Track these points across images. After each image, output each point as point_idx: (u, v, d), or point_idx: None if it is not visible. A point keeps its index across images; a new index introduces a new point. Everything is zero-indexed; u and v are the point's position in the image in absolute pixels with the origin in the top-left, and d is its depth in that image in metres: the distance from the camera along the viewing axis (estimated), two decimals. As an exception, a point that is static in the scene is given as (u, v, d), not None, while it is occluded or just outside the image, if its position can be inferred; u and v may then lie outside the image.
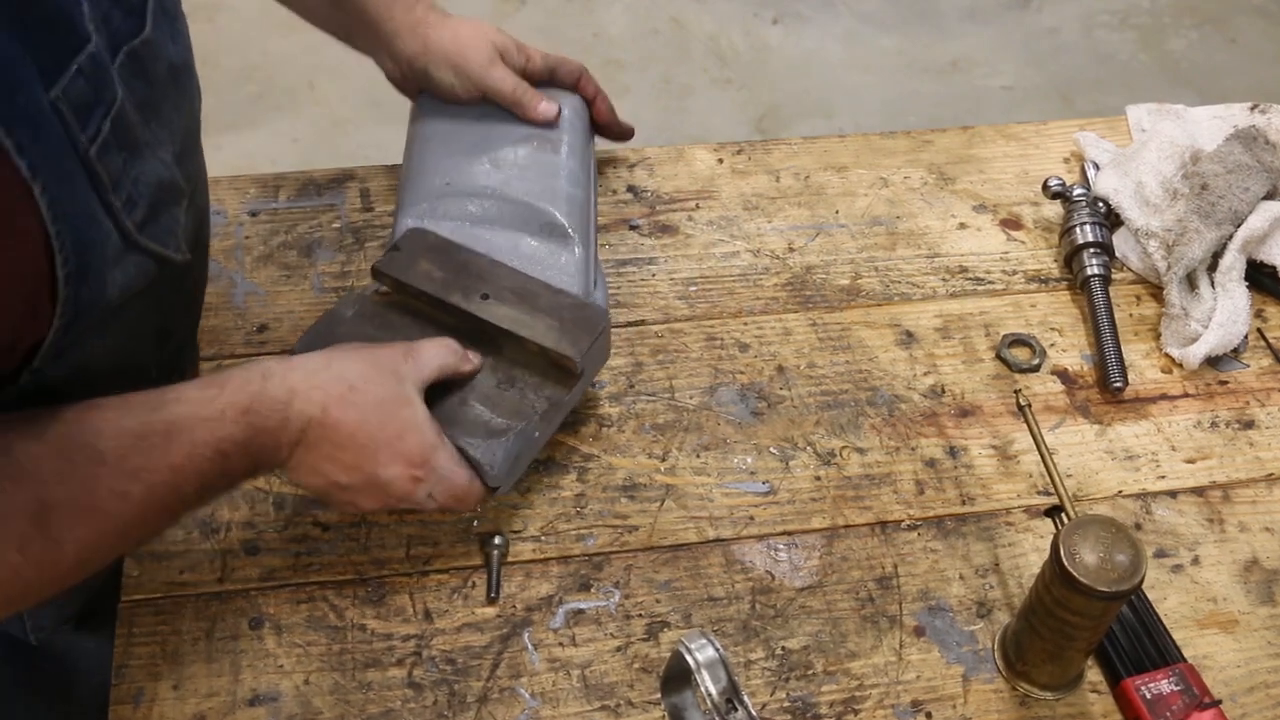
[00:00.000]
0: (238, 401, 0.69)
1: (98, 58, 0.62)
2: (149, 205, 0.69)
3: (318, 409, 0.72)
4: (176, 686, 0.77)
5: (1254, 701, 0.80)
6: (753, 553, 0.85)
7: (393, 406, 0.74)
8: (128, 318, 0.71)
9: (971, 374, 0.97)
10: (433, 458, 0.75)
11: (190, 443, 0.67)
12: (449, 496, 0.77)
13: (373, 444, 0.73)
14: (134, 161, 0.67)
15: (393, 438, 0.74)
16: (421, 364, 0.78)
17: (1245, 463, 0.92)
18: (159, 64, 0.71)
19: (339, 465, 0.73)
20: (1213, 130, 1.12)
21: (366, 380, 0.74)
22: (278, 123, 2.37)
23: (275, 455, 0.72)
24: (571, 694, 0.78)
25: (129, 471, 0.65)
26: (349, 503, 0.76)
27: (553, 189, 0.94)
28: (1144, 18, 2.86)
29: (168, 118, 0.73)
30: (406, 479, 0.75)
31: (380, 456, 0.74)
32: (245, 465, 0.70)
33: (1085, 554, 0.70)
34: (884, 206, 1.09)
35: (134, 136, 0.67)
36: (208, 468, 0.68)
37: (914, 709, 0.79)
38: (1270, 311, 1.02)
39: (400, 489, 0.75)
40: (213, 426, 0.68)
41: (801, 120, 2.57)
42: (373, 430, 0.73)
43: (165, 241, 0.72)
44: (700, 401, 0.93)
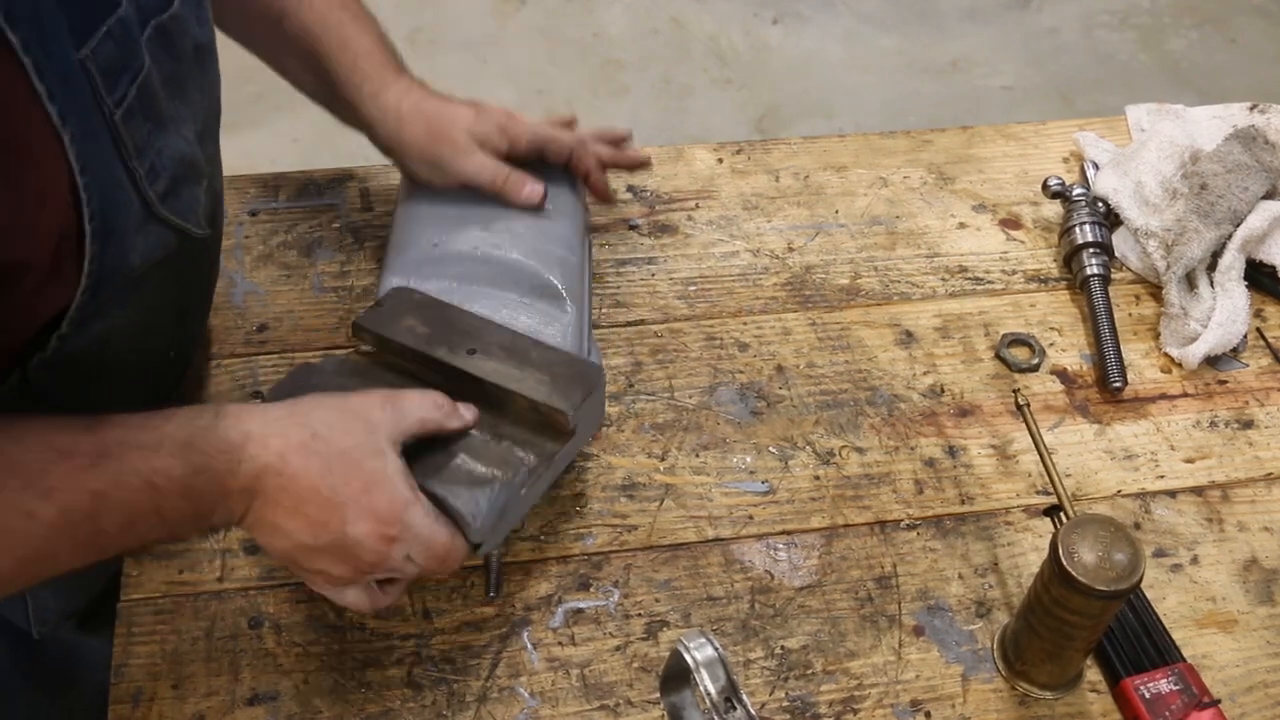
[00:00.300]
0: (179, 435, 0.64)
1: (127, 23, 0.64)
2: (171, 178, 0.70)
3: (274, 456, 0.66)
4: (176, 686, 0.77)
5: (1253, 701, 0.80)
6: (752, 552, 0.85)
7: (359, 457, 0.68)
8: (148, 290, 0.72)
9: (971, 374, 0.97)
10: (406, 514, 0.69)
11: (118, 469, 0.62)
12: (429, 557, 0.71)
13: (337, 498, 0.67)
14: (158, 133, 0.68)
15: (359, 492, 0.67)
16: (401, 414, 0.71)
17: (1244, 462, 0.92)
18: (185, 41, 0.72)
19: (302, 522, 0.67)
20: (1212, 130, 1.12)
21: (332, 428, 0.68)
22: (278, 123, 2.37)
23: (224, 505, 0.66)
24: (570, 693, 0.78)
25: (43, 489, 0.60)
26: (320, 572, 0.70)
27: (546, 252, 0.90)
28: (1144, 18, 2.86)
29: (191, 96, 0.73)
30: (378, 538, 0.68)
31: (347, 513, 0.67)
32: (185, 509, 0.65)
33: (1084, 553, 0.70)
34: (883, 206, 1.09)
35: (159, 109, 0.68)
36: (135, 500, 0.63)
37: (913, 708, 0.79)
38: (1269, 311, 1.02)
39: (373, 551, 0.68)
40: (146, 455, 0.63)
41: (801, 120, 2.57)
42: (336, 483, 0.67)
43: (186, 216, 0.73)
44: (699, 401, 0.93)
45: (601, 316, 0.98)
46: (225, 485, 0.65)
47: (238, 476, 0.66)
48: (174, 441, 0.64)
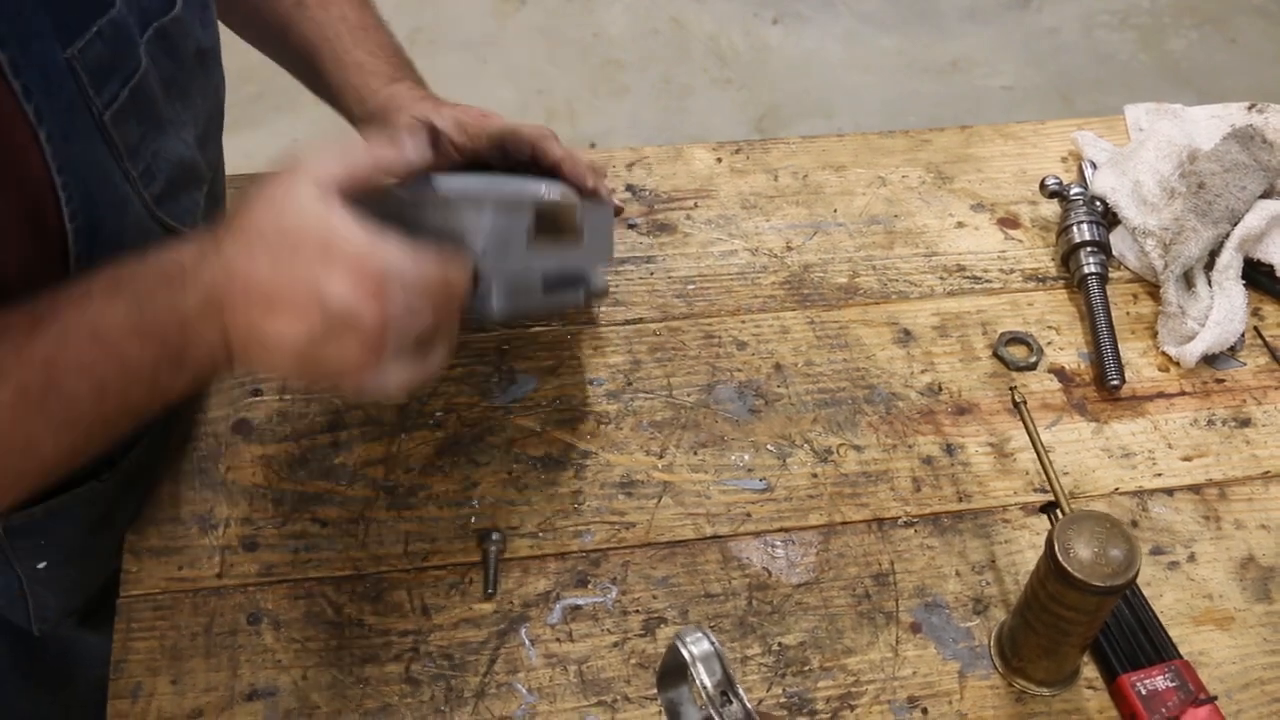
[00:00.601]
0: (106, 279, 0.60)
1: (120, 24, 0.63)
2: (168, 181, 0.70)
3: (217, 268, 0.60)
4: (175, 681, 0.77)
5: (1249, 698, 0.80)
6: (750, 549, 0.86)
7: (300, 223, 0.61)
8: None
9: (969, 372, 0.97)
10: (376, 255, 0.61)
11: (58, 330, 0.58)
12: (430, 294, 0.63)
13: (301, 273, 0.60)
14: (155, 136, 0.68)
15: (318, 256, 0.60)
16: (320, 164, 0.62)
17: (1241, 460, 0.93)
18: (187, 44, 0.71)
19: (283, 318, 0.60)
20: (1210, 129, 1.12)
21: (260, 216, 0.61)
22: (277, 123, 2.38)
23: (193, 336, 0.61)
24: (568, 689, 0.78)
25: None
26: (340, 369, 0.62)
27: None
28: (1144, 18, 2.86)
29: (193, 100, 0.74)
30: (364, 294, 0.60)
31: (319, 283, 0.60)
32: (148, 353, 0.60)
33: (1080, 549, 0.71)
34: (882, 205, 1.09)
35: (156, 111, 0.68)
36: (89, 357, 0.58)
37: (910, 705, 0.79)
38: (1267, 310, 1.03)
39: (368, 311, 0.60)
40: (81, 307, 0.59)
41: (801, 120, 2.57)
42: (293, 259, 0.60)
43: (183, 220, 0.73)
44: (698, 399, 0.94)
45: (600, 315, 0.99)
46: (180, 313, 0.60)
47: (188, 299, 0.60)
48: (104, 286, 0.60)
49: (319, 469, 0.88)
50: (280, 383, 0.92)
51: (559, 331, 0.97)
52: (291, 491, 0.86)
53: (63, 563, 0.85)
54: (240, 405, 0.91)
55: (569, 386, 0.94)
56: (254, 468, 0.87)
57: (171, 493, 0.86)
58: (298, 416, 0.90)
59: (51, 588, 0.87)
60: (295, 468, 0.88)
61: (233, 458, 0.88)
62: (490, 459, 0.89)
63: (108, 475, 0.81)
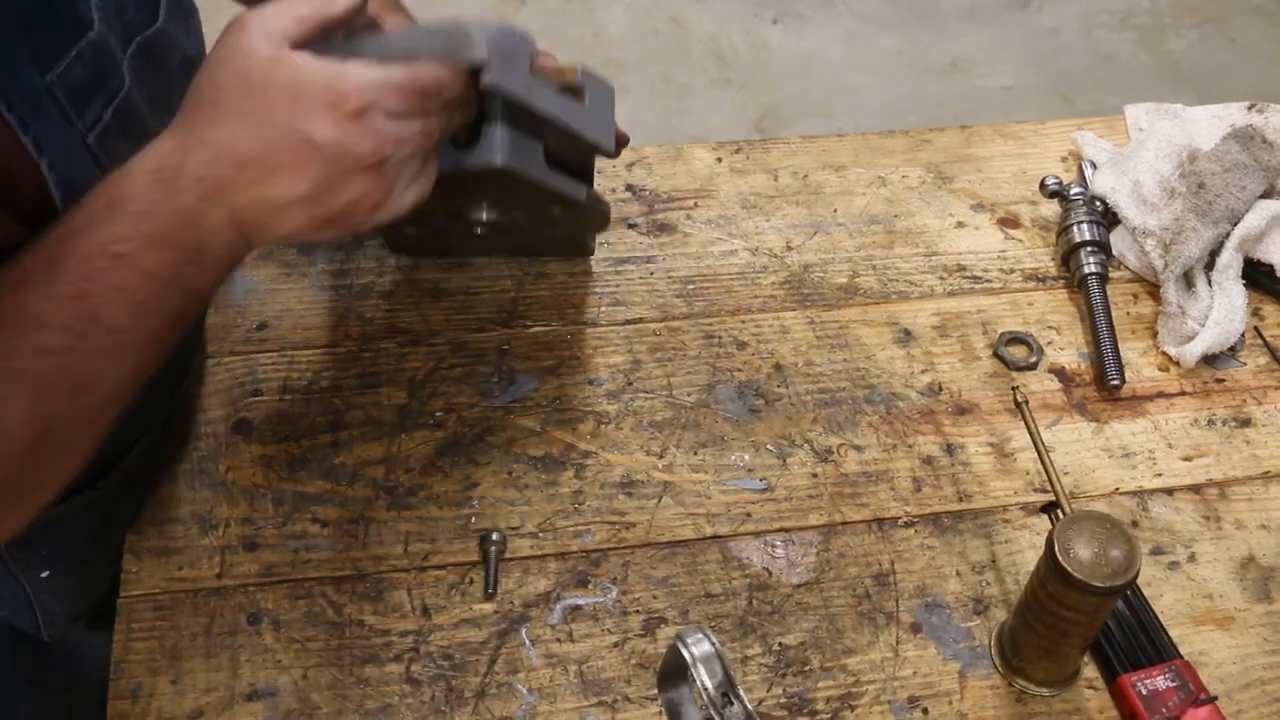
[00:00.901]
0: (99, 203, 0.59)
1: (100, 45, 0.62)
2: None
3: (201, 152, 0.60)
4: (175, 681, 0.77)
5: (1249, 698, 0.80)
6: (750, 549, 0.86)
7: (264, 80, 0.60)
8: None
9: (969, 372, 0.97)
10: (344, 81, 0.60)
11: (76, 264, 0.58)
12: (414, 96, 0.62)
13: (284, 125, 0.59)
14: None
15: (291, 102, 0.59)
16: (265, 17, 0.61)
17: (1242, 460, 0.93)
18: (172, 56, 0.71)
19: (284, 177, 0.60)
20: (1210, 129, 1.12)
21: (220, 86, 0.60)
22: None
23: (204, 225, 0.60)
24: (569, 689, 0.78)
25: (33, 323, 0.57)
26: (354, 203, 0.62)
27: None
28: (1144, 18, 2.86)
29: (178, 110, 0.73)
30: (347, 122, 0.59)
31: (303, 128, 0.59)
32: (169, 256, 0.60)
33: (1080, 549, 0.71)
34: (882, 205, 1.09)
35: (144, 127, 0.67)
36: (116, 279, 0.58)
37: (910, 705, 0.79)
38: (1267, 310, 1.03)
39: (357, 137, 0.60)
40: (88, 237, 0.58)
41: (801, 120, 2.57)
42: (270, 117, 0.59)
43: None
44: (698, 399, 0.94)
45: (600, 315, 0.99)
46: (183, 211, 0.59)
47: (186, 195, 0.59)
48: (104, 209, 0.59)
49: (319, 469, 0.88)
50: (280, 382, 0.92)
51: (559, 331, 0.97)
52: (291, 491, 0.86)
53: (66, 570, 0.85)
54: (240, 405, 0.91)
55: (569, 386, 0.94)
56: (254, 468, 0.87)
57: (171, 493, 0.86)
58: (298, 416, 0.90)
59: (57, 595, 0.87)
60: (295, 468, 0.88)
61: (233, 458, 0.88)
62: (490, 459, 0.89)
63: (103, 482, 0.80)
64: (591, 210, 0.90)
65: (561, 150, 0.83)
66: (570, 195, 0.84)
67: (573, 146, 0.83)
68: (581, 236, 0.99)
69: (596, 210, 0.90)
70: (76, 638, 0.92)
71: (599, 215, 0.92)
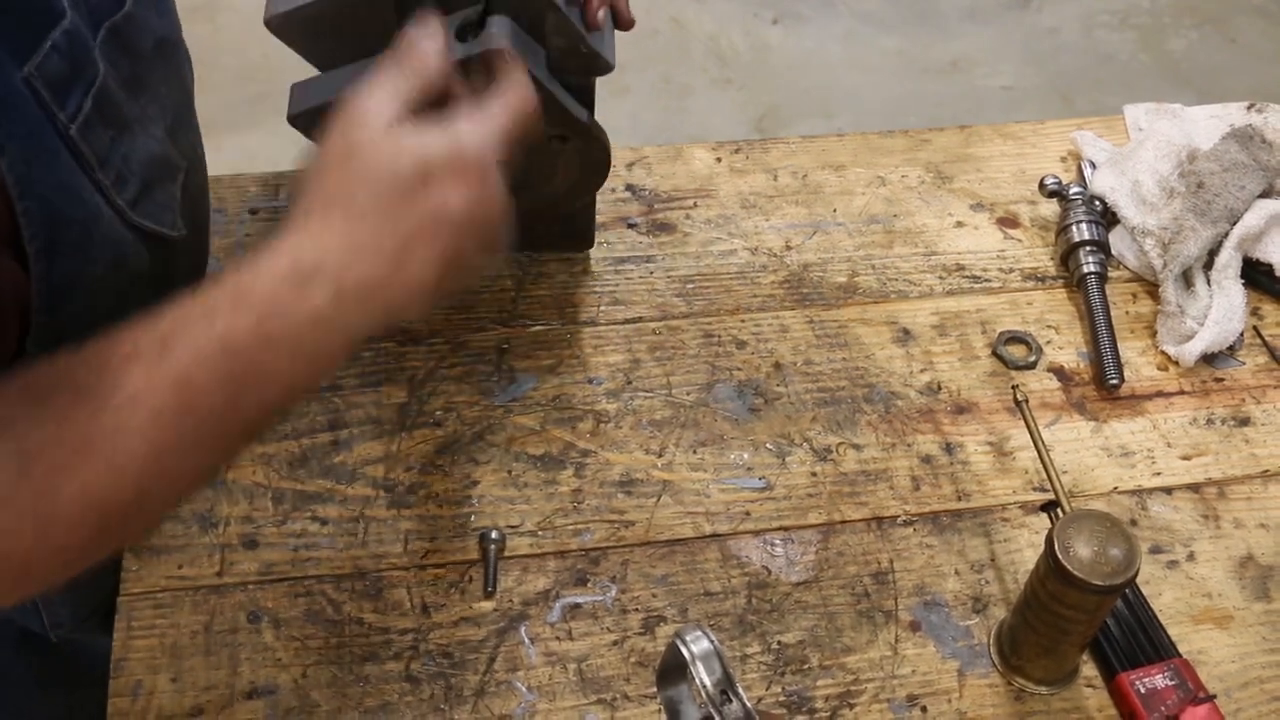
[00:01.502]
0: (226, 293, 0.57)
1: (75, 34, 0.62)
2: (141, 182, 0.69)
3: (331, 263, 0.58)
4: (175, 679, 0.77)
5: (1248, 697, 0.80)
6: (749, 548, 0.86)
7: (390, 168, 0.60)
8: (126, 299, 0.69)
9: (968, 371, 0.97)
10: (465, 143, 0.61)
11: (189, 350, 0.56)
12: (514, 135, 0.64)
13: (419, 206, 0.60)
14: (123, 139, 0.67)
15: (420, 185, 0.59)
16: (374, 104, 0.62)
17: (1241, 459, 0.93)
18: (144, 39, 0.70)
19: (417, 264, 0.59)
20: (1210, 129, 1.12)
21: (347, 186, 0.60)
22: (278, 123, 2.37)
23: (321, 330, 0.58)
24: (568, 687, 0.78)
25: (122, 400, 0.55)
26: (478, 254, 0.63)
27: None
28: (1144, 18, 2.86)
29: (158, 91, 0.72)
30: (481, 187, 0.61)
31: (433, 200, 0.60)
32: (285, 357, 0.58)
33: (1079, 548, 0.71)
34: (881, 205, 1.09)
35: (121, 113, 0.67)
36: (223, 371, 0.56)
37: (909, 703, 0.79)
38: (1266, 309, 1.03)
39: (490, 197, 0.62)
40: (208, 324, 0.56)
41: (801, 120, 2.57)
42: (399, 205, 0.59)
43: (160, 219, 0.71)
44: (697, 398, 0.94)
45: (599, 314, 0.99)
46: (313, 312, 0.57)
47: (317, 295, 0.57)
48: (229, 299, 0.57)
49: (319, 468, 0.88)
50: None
51: (559, 330, 0.97)
52: (291, 490, 0.87)
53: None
54: (240, 404, 0.91)
55: (568, 385, 0.94)
56: (254, 466, 0.88)
57: (172, 491, 0.86)
58: (298, 415, 0.90)
59: (61, 594, 0.86)
60: (295, 466, 0.88)
61: (233, 456, 0.88)
62: (490, 458, 0.89)
63: None
64: (593, 143, 0.86)
65: (562, 60, 0.81)
66: (571, 112, 0.82)
67: (574, 57, 0.81)
68: (583, 192, 0.94)
69: (598, 142, 0.87)
70: (85, 639, 0.92)
71: (600, 151, 0.88)
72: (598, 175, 0.91)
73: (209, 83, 0.81)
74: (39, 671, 0.91)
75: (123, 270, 0.68)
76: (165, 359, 0.55)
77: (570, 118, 0.83)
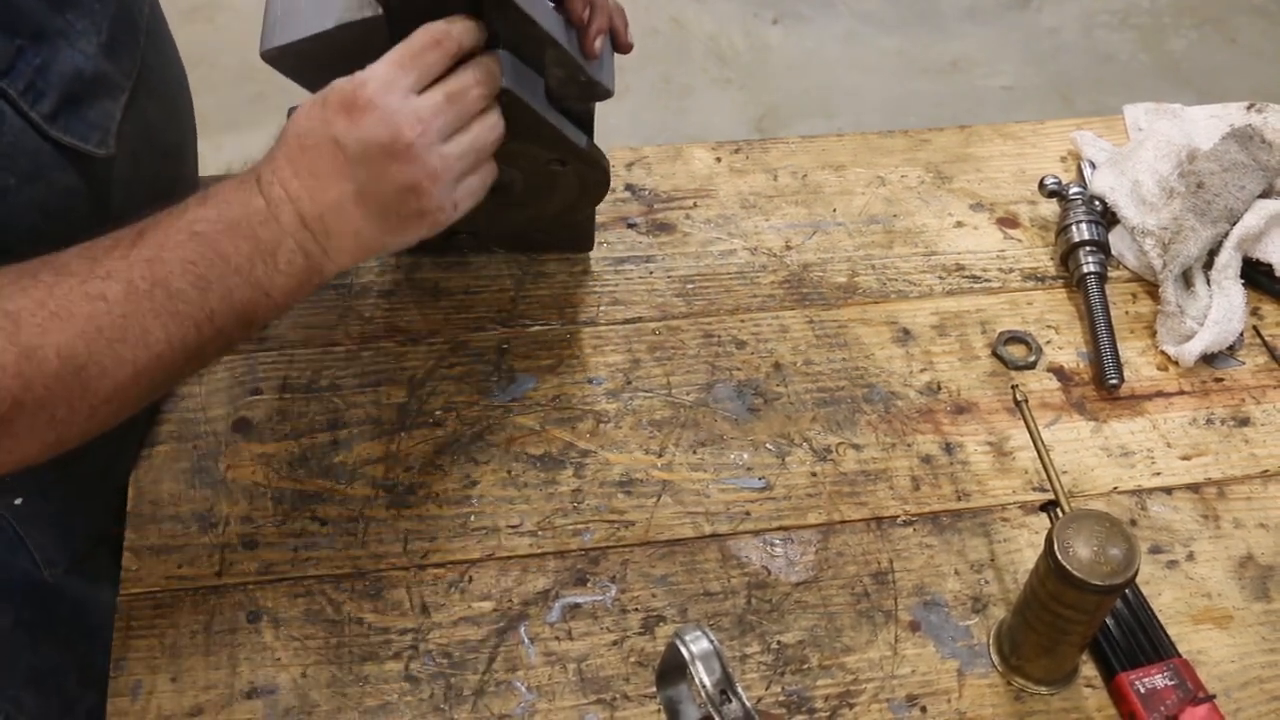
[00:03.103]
0: (198, 193, 0.67)
1: None
2: (61, 96, 0.69)
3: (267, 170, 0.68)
4: (174, 679, 0.77)
5: (1248, 696, 0.80)
6: (749, 548, 0.86)
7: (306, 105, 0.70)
8: (55, 219, 0.71)
9: (968, 371, 0.97)
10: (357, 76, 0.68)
11: (159, 236, 0.64)
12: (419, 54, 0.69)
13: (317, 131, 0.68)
14: (36, 50, 0.67)
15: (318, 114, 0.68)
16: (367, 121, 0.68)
17: (1240, 459, 0.93)
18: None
19: (325, 181, 0.68)
20: (1209, 129, 1.12)
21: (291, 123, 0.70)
22: (278, 123, 2.38)
23: (272, 223, 0.67)
24: (568, 687, 0.78)
25: (100, 275, 0.63)
26: (396, 192, 0.69)
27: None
28: (1144, 18, 2.86)
29: (88, 7, 0.71)
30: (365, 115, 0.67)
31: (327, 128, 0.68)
32: (244, 247, 0.66)
33: (1079, 548, 0.71)
34: (881, 205, 1.09)
35: (33, 22, 0.67)
36: (189, 253, 0.65)
37: (909, 703, 0.79)
38: (1266, 309, 1.03)
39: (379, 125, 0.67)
40: (177, 215, 0.66)
41: (801, 120, 2.57)
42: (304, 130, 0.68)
43: (86, 136, 0.71)
44: (697, 398, 0.94)
45: (599, 314, 0.99)
46: (259, 207, 0.67)
47: (262, 193, 0.67)
48: (195, 198, 0.67)
49: (319, 467, 0.88)
50: (280, 380, 0.92)
51: (558, 330, 0.97)
52: (291, 490, 0.87)
53: (42, 497, 0.83)
54: (240, 404, 0.91)
55: (568, 385, 0.94)
56: (254, 466, 0.88)
57: (171, 491, 0.86)
58: (297, 415, 0.90)
59: (40, 526, 0.85)
60: (295, 466, 0.88)
61: (232, 456, 0.88)
62: (490, 458, 0.89)
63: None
64: (591, 166, 0.87)
65: (561, 89, 0.82)
66: (569, 139, 0.83)
67: (573, 85, 0.82)
68: (581, 210, 0.95)
69: (596, 165, 0.88)
70: (78, 587, 0.90)
71: (599, 173, 0.89)
72: (596, 195, 0.93)
73: (209, 83, 0.81)
74: (31, 623, 0.91)
75: (41, 184, 0.69)
76: (139, 243, 0.64)
77: (569, 144, 0.84)
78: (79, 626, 0.90)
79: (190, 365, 0.68)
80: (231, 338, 0.69)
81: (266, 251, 0.67)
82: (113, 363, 0.63)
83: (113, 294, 0.63)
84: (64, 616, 0.91)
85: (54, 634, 0.92)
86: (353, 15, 0.74)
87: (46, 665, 0.92)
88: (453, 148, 0.71)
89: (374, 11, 0.73)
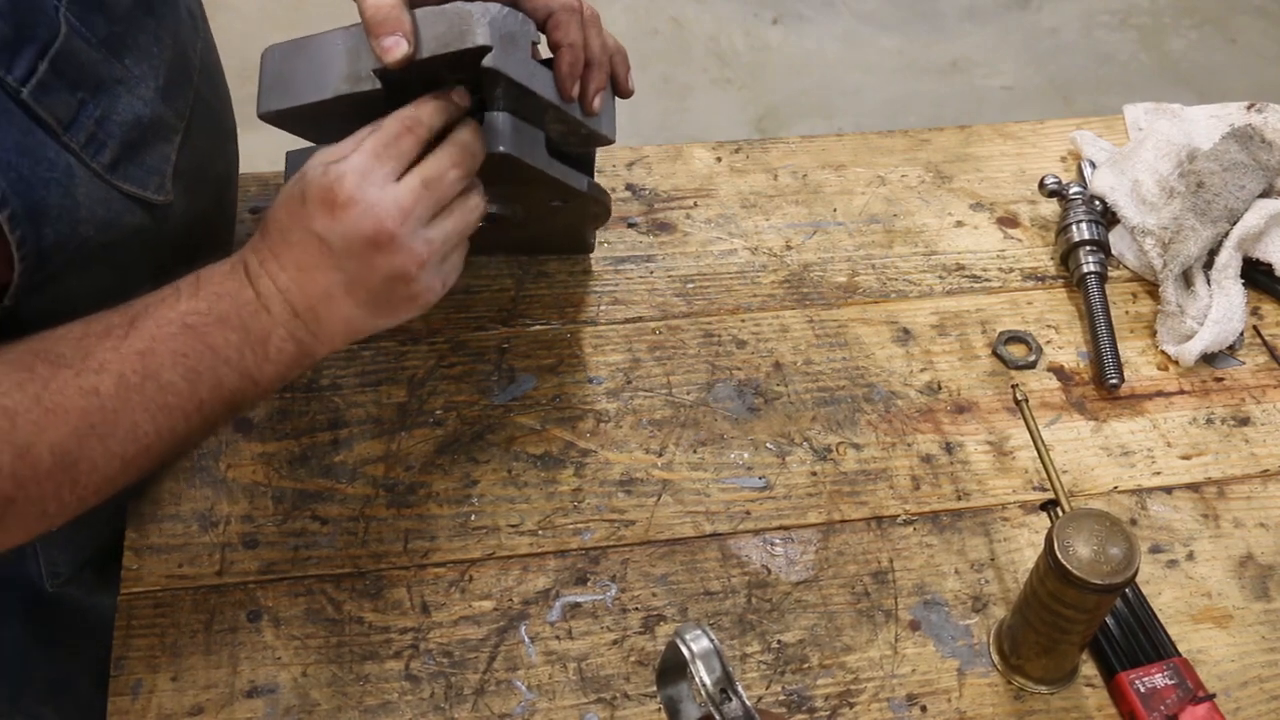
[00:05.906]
0: (188, 280, 0.68)
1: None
2: (122, 145, 0.69)
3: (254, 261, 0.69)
4: (175, 678, 0.77)
5: (1248, 696, 0.80)
6: (749, 547, 0.86)
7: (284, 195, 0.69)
8: (117, 257, 0.71)
9: (968, 371, 0.97)
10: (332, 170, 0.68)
11: (152, 326, 0.65)
12: (394, 143, 0.69)
13: (301, 228, 0.68)
14: (98, 100, 0.67)
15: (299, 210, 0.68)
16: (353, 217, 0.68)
17: (1240, 459, 0.93)
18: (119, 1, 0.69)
19: (314, 274, 0.68)
20: (1209, 129, 1.12)
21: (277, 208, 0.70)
22: (279, 122, 2.38)
23: (263, 314, 0.68)
24: (568, 686, 0.78)
25: (93, 368, 0.64)
26: (385, 280, 0.70)
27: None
28: (1144, 18, 2.86)
29: (146, 51, 0.71)
30: (347, 212, 0.67)
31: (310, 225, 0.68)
32: (234, 338, 0.67)
33: (1079, 547, 0.71)
34: (881, 205, 1.09)
35: (95, 75, 0.67)
36: (181, 345, 0.66)
37: (909, 702, 0.79)
38: (1266, 309, 1.03)
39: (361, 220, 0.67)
40: (170, 304, 0.66)
41: (801, 120, 2.57)
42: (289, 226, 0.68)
43: (145, 183, 0.72)
44: (697, 397, 0.94)
45: (600, 313, 0.99)
46: (249, 300, 0.68)
47: (253, 286, 0.68)
48: (188, 286, 0.68)
49: (319, 467, 0.88)
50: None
51: (559, 330, 0.97)
52: (291, 489, 0.87)
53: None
54: (240, 403, 0.91)
55: (568, 385, 0.94)
56: (254, 465, 0.88)
57: (172, 490, 0.86)
58: (298, 414, 0.90)
59: (57, 541, 0.85)
60: (295, 465, 0.88)
61: (233, 455, 0.88)
62: (490, 457, 0.89)
63: None
64: (592, 202, 0.90)
65: (562, 140, 0.84)
66: (571, 185, 0.84)
67: (573, 136, 0.84)
68: (581, 230, 0.98)
69: (597, 202, 0.90)
70: (80, 595, 0.91)
71: (600, 208, 0.92)
72: (596, 224, 0.96)
73: (209, 82, 0.81)
74: (42, 634, 0.91)
75: (114, 232, 0.69)
76: (132, 334, 0.65)
77: (571, 190, 0.85)
78: (86, 631, 0.91)
79: (176, 451, 0.69)
80: (217, 424, 0.70)
81: (257, 341, 0.68)
82: (103, 457, 0.65)
83: (105, 388, 0.64)
84: (71, 623, 0.91)
85: (64, 642, 0.92)
86: (350, 88, 0.74)
87: (61, 674, 0.92)
88: (435, 232, 0.71)
89: (371, 86, 0.74)
